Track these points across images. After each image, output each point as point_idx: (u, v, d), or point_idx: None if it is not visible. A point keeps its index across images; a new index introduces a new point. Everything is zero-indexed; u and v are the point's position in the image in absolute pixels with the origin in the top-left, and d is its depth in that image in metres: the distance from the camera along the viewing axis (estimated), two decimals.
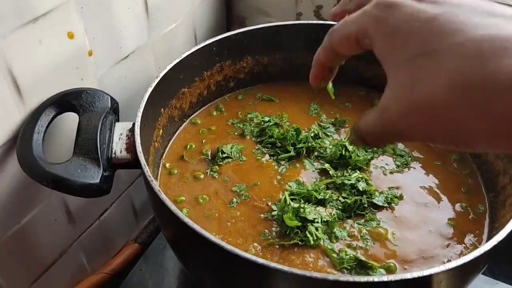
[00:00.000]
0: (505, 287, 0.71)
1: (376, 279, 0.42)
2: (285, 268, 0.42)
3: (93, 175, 0.53)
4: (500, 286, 0.71)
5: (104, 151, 0.55)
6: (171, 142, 0.71)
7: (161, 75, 0.64)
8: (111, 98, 0.61)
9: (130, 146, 0.56)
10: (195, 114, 0.76)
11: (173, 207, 0.47)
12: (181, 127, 0.74)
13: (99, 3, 0.62)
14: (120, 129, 0.59)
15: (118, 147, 0.57)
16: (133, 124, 0.58)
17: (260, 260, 0.43)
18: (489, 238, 0.52)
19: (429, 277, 0.42)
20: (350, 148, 0.65)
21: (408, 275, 0.42)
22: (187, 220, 0.46)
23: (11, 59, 0.53)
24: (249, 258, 0.43)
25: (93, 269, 0.78)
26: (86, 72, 0.64)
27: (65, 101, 0.58)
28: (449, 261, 0.54)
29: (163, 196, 0.49)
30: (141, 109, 0.59)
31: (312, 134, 0.69)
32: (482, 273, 0.55)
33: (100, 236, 0.78)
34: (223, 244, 0.44)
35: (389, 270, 0.54)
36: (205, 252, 0.48)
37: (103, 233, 0.78)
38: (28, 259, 0.66)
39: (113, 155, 0.56)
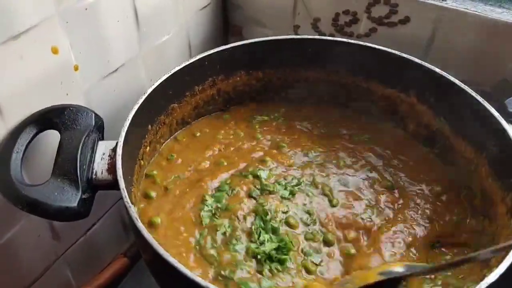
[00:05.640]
0: None
1: None
2: None
3: (71, 198, 0.51)
4: None
5: (84, 172, 0.53)
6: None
7: (148, 92, 0.62)
8: (96, 115, 0.59)
9: (112, 167, 0.54)
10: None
11: (149, 237, 0.45)
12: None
13: (85, 17, 0.60)
14: (103, 148, 0.57)
15: (100, 168, 0.55)
16: (116, 144, 0.56)
17: None
18: None
19: None
20: None
21: None
22: (162, 251, 0.44)
23: None
24: None
25: (79, 284, 0.77)
26: (71, 87, 0.62)
27: (47, 119, 0.57)
28: None
29: (139, 224, 0.47)
30: (125, 128, 0.57)
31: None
32: None
33: (86, 251, 0.76)
34: (198, 279, 0.42)
35: None
36: (179, 284, 0.46)
37: (90, 248, 0.77)
38: (10, 275, 0.64)
39: (94, 176, 0.54)
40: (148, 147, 0.65)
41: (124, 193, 0.50)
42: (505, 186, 0.58)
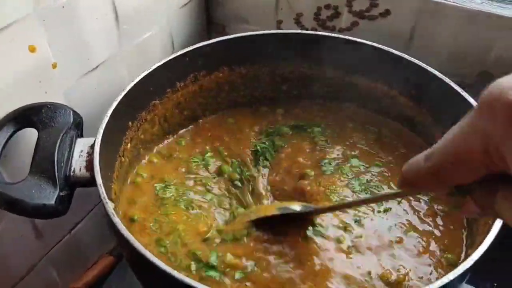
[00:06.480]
0: None
1: None
2: None
3: (48, 196, 0.51)
4: None
5: (62, 169, 0.53)
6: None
7: (128, 88, 0.62)
8: (74, 112, 0.59)
9: (90, 164, 0.54)
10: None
11: (125, 232, 0.45)
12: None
13: (63, 15, 0.60)
14: (81, 145, 0.57)
15: (78, 165, 0.55)
16: (95, 141, 0.56)
17: None
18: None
19: None
20: None
21: None
22: (139, 247, 0.44)
23: None
24: None
25: (65, 283, 0.77)
26: (50, 85, 0.62)
27: (24, 117, 0.57)
28: None
29: (116, 220, 0.47)
30: (103, 125, 0.57)
31: None
32: None
33: (72, 250, 0.76)
34: (175, 274, 0.43)
35: None
36: (156, 279, 0.46)
37: (75, 247, 0.76)
38: None
39: (72, 174, 0.54)
40: (129, 144, 0.65)
41: (101, 189, 0.50)
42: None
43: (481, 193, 0.28)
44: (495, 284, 0.74)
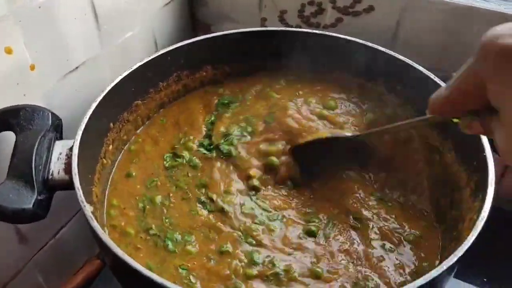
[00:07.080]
0: None
1: None
2: None
3: (26, 200, 0.50)
4: None
5: (40, 172, 0.52)
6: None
7: (108, 89, 0.61)
8: (53, 114, 0.58)
9: (69, 167, 0.53)
10: None
11: (104, 236, 0.45)
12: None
13: (40, 15, 0.59)
14: (60, 148, 0.56)
15: (56, 168, 0.54)
16: (74, 143, 0.55)
17: None
18: None
19: None
20: None
21: None
22: (118, 251, 0.44)
23: None
24: None
25: None
26: (28, 87, 0.61)
27: (2, 120, 0.56)
28: None
29: (94, 224, 0.46)
30: (82, 127, 0.56)
31: None
32: None
33: (58, 254, 0.75)
34: (156, 278, 0.42)
35: None
36: (137, 284, 0.46)
37: (61, 251, 0.75)
38: None
39: (50, 177, 0.53)
40: (111, 145, 0.64)
41: (79, 192, 0.49)
42: (469, 170, 0.58)
43: (485, 117, 0.36)
44: (485, 279, 0.74)
